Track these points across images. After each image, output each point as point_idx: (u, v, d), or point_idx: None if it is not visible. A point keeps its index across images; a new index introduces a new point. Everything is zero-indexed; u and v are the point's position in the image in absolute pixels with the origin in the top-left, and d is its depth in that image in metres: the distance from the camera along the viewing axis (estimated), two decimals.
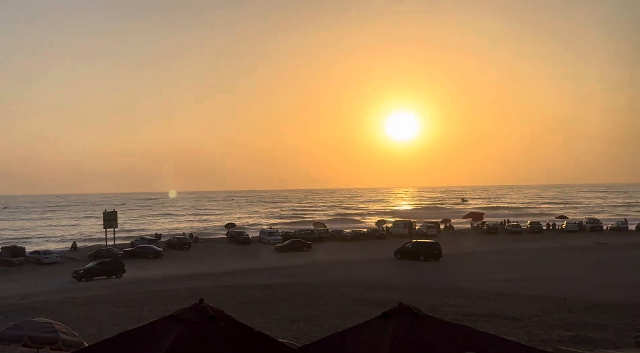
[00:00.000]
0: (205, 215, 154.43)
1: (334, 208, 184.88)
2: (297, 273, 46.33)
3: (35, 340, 10.95)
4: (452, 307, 27.71)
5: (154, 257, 63.55)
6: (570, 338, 20.75)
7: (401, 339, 6.87)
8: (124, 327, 21.78)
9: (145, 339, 6.33)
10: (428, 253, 54.82)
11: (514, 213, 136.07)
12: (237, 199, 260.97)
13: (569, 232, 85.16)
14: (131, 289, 39.01)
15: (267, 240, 75.07)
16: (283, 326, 23.73)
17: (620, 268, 44.15)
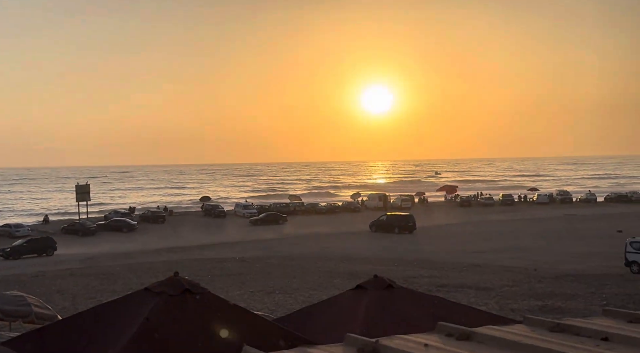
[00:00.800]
0: (180, 189, 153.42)
1: (309, 181, 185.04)
2: (272, 246, 46.49)
3: (8, 314, 10.85)
4: (426, 278, 28.13)
5: (128, 230, 63.10)
6: (539, 307, 21.26)
7: (375, 310, 6.94)
8: (97, 301, 21.70)
9: (119, 312, 6.30)
10: (402, 226, 55.35)
11: (487, 186, 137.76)
12: (212, 173, 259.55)
13: (540, 203, 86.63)
14: (105, 263, 38.79)
15: (242, 214, 74.97)
16: (258, 298, 23.87)
17: (589, 239, 45.16)
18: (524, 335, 4.24)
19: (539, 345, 3.84)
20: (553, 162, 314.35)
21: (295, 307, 19.03)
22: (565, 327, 4.34)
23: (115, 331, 5.97)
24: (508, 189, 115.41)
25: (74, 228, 61.82)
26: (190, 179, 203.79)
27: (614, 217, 63.83)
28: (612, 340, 4.03)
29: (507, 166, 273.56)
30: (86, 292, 26.25)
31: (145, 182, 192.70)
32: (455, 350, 3.90)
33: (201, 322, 6.12)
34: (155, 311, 5.99)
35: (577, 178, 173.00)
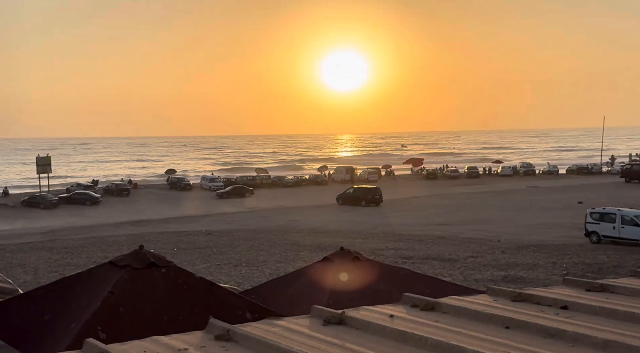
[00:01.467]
0: (144, 162, 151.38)
1: (276, 154, 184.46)
2: (239, 219, 46.39)
3: None
4: (392, 251, 28.47)
5: (91, 203, 62.14)
6: (502, 277, 21.76)
7: (342, 282, 6.99)
8: (60, 274, 21.42)
9: (83, 285, 6.21)
10: (369, 199, 55.72)
11: (453, 159, 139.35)
12: (176, 145, 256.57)
13: (504, 176, 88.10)
14: (67, 236, 38.23)
15: (208, 187, 74.44)
16: (225, 271, 23.87)
17: (550, 210, 46.20)
18: (487, 304, 4.31)
19: (501, 314, 3.91)
20: (517, 134, 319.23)
21: (262, 280, 19.09)
22: (527, 297, 4.44)
23: (79, 305, 5.89)
24: (473, 162, 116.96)
25: (35, 201, 60.58)
26: (154, 152, 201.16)
27: (575, 188, 65.36)
28: (571, 308, 4.13)
29: (472, 139, 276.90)
30: (48, 265, 25.88)
31: (106, 154, 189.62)
32: (420, 320, 3.95)
33: (167, 295, 6.08)
34: (120, 285, 5.93)
35: (540, 150, 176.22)
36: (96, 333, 4.99)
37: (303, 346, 3.35)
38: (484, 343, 3.33)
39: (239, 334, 3.57)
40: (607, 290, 4.67)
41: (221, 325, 3.72)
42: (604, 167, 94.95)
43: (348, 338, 3.55)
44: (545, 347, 3.26)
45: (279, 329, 3.82)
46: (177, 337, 3.68)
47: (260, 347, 3.33)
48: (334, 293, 6.67)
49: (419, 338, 3.38)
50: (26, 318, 5.97)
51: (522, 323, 3.68)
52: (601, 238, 30.86)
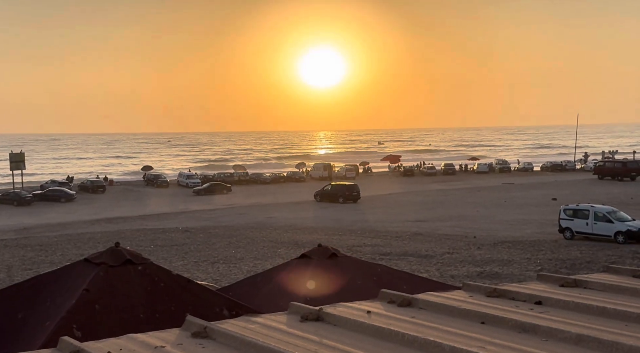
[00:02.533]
0: (119, 158, 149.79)
1: (253, 151, 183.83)
2: (216, 216, 46.18)
3: None
4: (369, 247, 28.59)
5: (66, 200, 61.32)
6: (478, 273, 21.99)
7: (319, 278, 7.01)
8: (35, 272, 21.13)
9: (57, 283, 6.14)
10: (347, 196, 55.84)
11: (430, 156, 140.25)
12: (151, 142, 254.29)
13: (480, 173, 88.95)
14: (42, 233, 37.69)
15: (185, 183, 73.94)
16: (202, 268, 23.76)
17: (525, 207, 46.76)
18: (463, 300, 4.36)
19: (476, 309, 3.96)
20: (493, 132, 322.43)
21: (239, 277, 19.04)
22: (502, 292, 4.49)
23: (54, 303, 5.82)
24: (450, 159, 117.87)
25: (9, 197, 59.60)
26: (128, 148, 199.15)
27: (549, 185, 66.24)
28: (545, 303, 4.19)
29: (448, 136, 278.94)
30: (22, 263, 25.50)
31: (80, 150, 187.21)
32: (397, 316, 3.98)
33: (143, 292, 6.03)
34: (95, 282, 5.86)
35: (515, 147, 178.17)
36: (71, 331, 4.94)
37: (280, 343, 3.35)
38: (459, 338, 3.37)
39: (216, 331, 3.56)
40: (580, 285, 4.75)
41: (198, 323, 3.71)
42: (578, 164, 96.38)
43: (325, 335, 3.56)
44: (519, 342, 3.31)
45: (256, 326, 3.82)
46: (153, 334, 3.66)
47: (238, 344, 3.33)
48: (312, 290, 6.68)
49: (395, 334, 3.41)
50: (0, 316, 5.88)
51: (497, 318, 3.73)
52: (574, 234, 31.34)
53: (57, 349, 3.35)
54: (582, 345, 3.21)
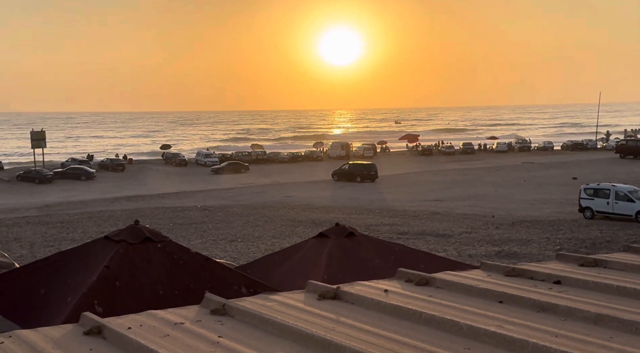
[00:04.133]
0: (139, 137, 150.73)
1: (272, 130, 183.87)
2: (234, 195, 46.42)
3: None
4: (387, 226, 28.59)
5: (87, 178, 62.00)
6: (496, 252, 21.91)
7: (337, 257, 7.03)
8: (56, 249, 21.47)
9: (79, 260, 6.23)
10: (364, 175, 55.75)
11: (448, 135, 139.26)
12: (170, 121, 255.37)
13: (499, 152, 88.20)
14: (63, 211, 38.21)
15: (203, 162, 74.28)
16: (220, 246, 23.96)
17: (545, 186, 46.36)
18: (481, 279, 4.35)
19: (494, 289, 3.95)
20: (513, 110, 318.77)
21: (257, 255, 19.18)
22: (520, 271, 4.47)
23: (75, 279, 5.91)
24: (468, 138, 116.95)
25: (30, 175, 60.41)
26: (147, 127, 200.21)
27: (570, 164, 65.53)
28: (564, 283, 4.16)
29: (467, 115, 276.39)
30: (44, 240, 25.91)
31: (98, 129, 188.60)
32: (414, 295, 3.98)
33: (162, 270, 6.10)
34: (116, 259, 5.94)
35: (536, 126, 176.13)
36: (93, 307, 5.02)
37: (298, 320, 3.37)
38: (477, 317, 3.37)
39: (234, 309, 3.59)
40: (600, 265, 4.71)
41: (217, 300, 3.74)
42: (599, 143, 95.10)
43: (343, 313, 3.58)
44: (538, 321, 3.30)
45: (274, 304, 3.84)
46: (173, 311, 3.71)
47: (256, 321, 3.35)
48: (329, 268, 6.70)
49: (413, 313, 3.41)
50: (23, 292, 5.99)
51: (516, 297, 3.71)
52: (595, 214, 31.05)
53: (79, 324, 3.40)
54: (602, 324, 3.19)
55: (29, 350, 3.00)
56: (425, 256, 7.97)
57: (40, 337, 3.21)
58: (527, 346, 2.76)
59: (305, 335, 3.02)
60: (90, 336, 3.19)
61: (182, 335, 3.20)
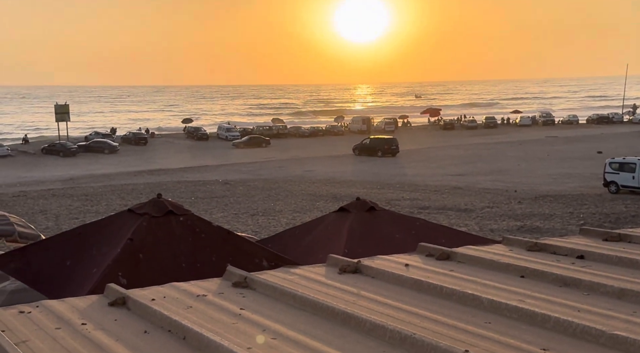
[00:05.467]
0: (159, 112, 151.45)
1: (293, 104, 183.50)
2: (255, 169, 46.60)
3: None
4: (408, 201, 28.52)
5: (110, 152, 62.65)
6: (518, 227, 21.78)
7: (357, 231, 7.03)
8: (81, 221, 21.81)
9: (103, 232, 6.32)
10: (385, 149, 55.53)
11: (470, 109, 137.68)
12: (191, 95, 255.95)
13: (522, 126, 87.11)
14: (87, 184, 38.73)
15: (224, 136, 74.54)
16: (242, 220, 24.13)
17: (569, 161, 45.79)
18: (502, 254, 4.32)
19: (516, 263, 3.93)
20: (537, 83, 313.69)
21: (278, 229, 19.29)
22: (543, 246, 4.44)
23: (100, 251, 6.00)
24: (491, 112, 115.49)
25: (55, 148, 61.25)
26: (169, 101, 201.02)
27: (595, 138, 64.54)
28: (587, 257, 4.13)
29: (490, 88, 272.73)
30: (69, 212, 26.32)
31: (123, 103, 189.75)
32: (435, 269, 3.98)
33: (185, 243, 6.16)
34: (139, 232, 6.01)
35: (560, 99, 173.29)
36: (117, 278, 5.10)
37: (319, 294, 3.39)
38: (498, 292, 3.36)
39: (256, 281, 3.62)
40: (625, 239, 4.65)
41: (239, 273, 3.77)
42: (625, 116, 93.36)
43: (363, 287, 3.59)
44: (560, 295, 3.28)
45: (295, 277, 3.87)
46: (195, 283, 3.75)
47: (277, 294, 3.38)
48: (350, 243, 6.72)
49: (433, 287, 3.41)
50: (49, 263, 6.10)
51: (538, 272, 3.69)
52: (620, 188, 30.65)
53: (104, 295, 3.46)
54: (625, 299, 3.16)
55: (55, 320, 3.07)
56: (446, 231, 7.94)
57: (66, 307, 3.28)
58: (549, 320, 2.75)
59: (327, 308, 3.04)
60: (115, 307, 3.25)
61: (204, 307, 3.24)
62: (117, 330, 2.89)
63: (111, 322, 3.00)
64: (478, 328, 2.78)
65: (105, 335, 2.81)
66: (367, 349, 2.56)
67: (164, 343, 2.67)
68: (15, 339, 2.70)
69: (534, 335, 2.67)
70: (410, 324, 2.85)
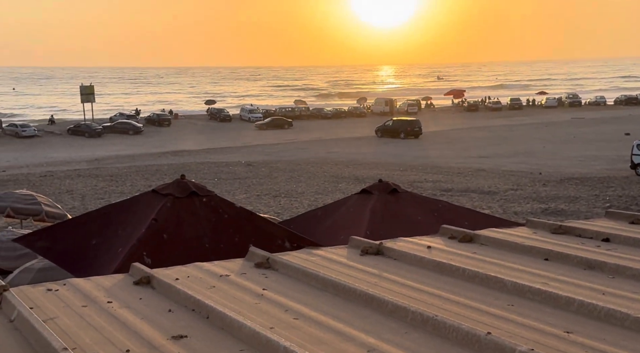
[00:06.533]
0: (180, 92, 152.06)
1: (315, 85, 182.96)
2: (278, 151, 46.69)
3: (19, 211, 11.06)
4: (431, 183, 28.38)
5: (134, 133, 63.21)
6: (542, 210, 21.56)
7: (380, 213, 7.03)
8: (106, 201, 22.10)
9: (128, 212, 6.40)
10: (408, 131, 55.19)
11: (495, 90, 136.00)
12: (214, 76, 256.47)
13: (548, 107, 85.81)
14: (112, 164, 39.19)
15: (247, 118, 74.69)
16: (264, 202, 24.25)
17: (595, 143, 45.09)
18: (526, 237, 4.29)
19: (540, 246, 3.89)
20: (564, 64, 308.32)
21: (300, 211, 19.35)
22: (567, 229, 4.39)
23: (125, 231, 6.09)
24: (516, 93, 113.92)
25: (80, 129, 62.02)
26: (193, 82, 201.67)
27: (623, 120, 63.36)
28: (613, 240, 4.07)
29: (517, 70, 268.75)
30: (94, 192, 26.68)
31: (142, 84, 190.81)
32: (458, 251, 3.96)
33: (208, 223, 6.22)
34: (163, 212, 6.08)
35: (589, 80, 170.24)
36: (142, 258, 5.17)
37: (341, 275, 3.41)
38: (522, 274, 3.33)
39: (278, 262, 3.65)
40: None
41: (261, 254, 3.80)
42: None
43: (385, 268, 3.59)
44: (584, 278, 3.25)
45: (317, 258, 3.88)
46: (218, 263, 3.79)
47: (299, 275, 3.40)
48: (372, 224, 6.72)
49: (456, 269, 3.40)
50: (75, 242, 6.21)
51: (562, 255, 3.66)
52: None
53: (130, 274, 3.52)
54: None
55: (82, 298, 3.12)
56: (469, 213, 7.90)
57: (92, 286, 3.34)
58: (573, 303, 2.73)
59: (349, 289, 3.05)
60: (140, 286, 3.30)
61: (227, 287, 3.28)
62: (142, 308, 2.93)
63: (136, 301, 3.05)
64: (501, 311, 2.77)
65: (131, 313, 2.85)
66: (389, 330, 2.57)
67: (188, 322, 2.71)
68: (43, 316, 2.75)
69: (558, 317, 2.65)
70: (433, 306, 2.85)
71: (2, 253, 8.05)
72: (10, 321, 2.75)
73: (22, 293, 3.12)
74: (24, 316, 2.68)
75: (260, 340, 2.37)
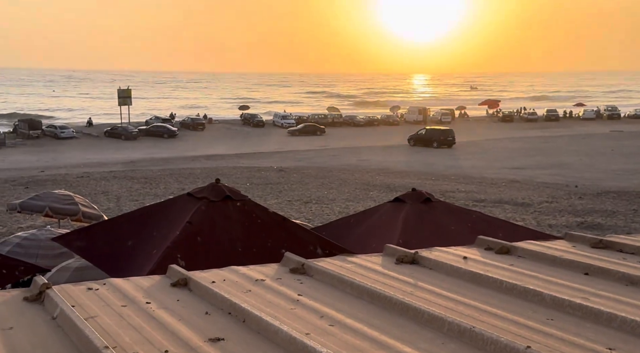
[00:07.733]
0: (220, 97, 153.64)
1: (348, 93, 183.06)
2: (310, 157, 46.80)
3: (57, 211, 11.28)
4: (463, 193, 28.11)
5: (169, 136, 64.12)
6: (578, 223, 21.15)
7: (412, 223, 6.98)
8: (140, 203, 22.43)
9: (162, 214, 6.48)
10: (441, 140, 54.81)
11: (530, 102, 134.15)
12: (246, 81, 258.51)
13: (586, 119, 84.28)
14: (146, 167, 39.76)
15: (280, 124, 75.12)
16: (296, 207, 24.30)
17: (634, 156, 44.11)
18: (565, 250, 4.21)
19: (580, 260, 3.82)
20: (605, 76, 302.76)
21: (331, 217, 19.34)
22: (608, 243, 4.30)
23: (160, 233, 6.17)
24: (553, 105, 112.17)
25: (117, 132, 63.15)
26: (225, 88, 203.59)
27: None
28: None
29: (553, 81, 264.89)
30: (129, 194, 27.09)
31: (179, 89, 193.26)
32: (495, 263, 3.91)
33: (241, 228, 6.26)
34: (198, 215, 6.14)
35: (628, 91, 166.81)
36: (176, 260, 5.23)
37: (377, 283, 3.39)
38: (561, 288, 3.28)
39: (313, 268, 3.65)
40: None
41: (296, 259, 3.81)
42: None
43: (421, 278, 3.57)
44: (626, 294, 3.17)
45: (352, 266, 3.88)
46: (253, 268, 3.81)
47: (335, 282, 3.40)
48: (405, 233, 6.67)
49: (493, 281, 3.36)
50: (112, 242, 6.31)
51: (603, 270, 3.58)
52: None
53: (166, 276, 3.56)
54: None
55: (121, 298, 3.17)
56: (503, 224, 7.79)
57: (131, 286, 3.39)
58: (615, 320, 2.67)
59: (384, 297, 3.03)
60: (177, 287, 3.34)
61: (263, 292, 3.29)
62: (179, 310, 2.97)
63: (174, 302, 3.09)
64: (540, 325, 2.72)
65: (169, 315, 2.89)
66: (425, 340, 2.55)
67: (224, 325, 2.73)
68: (84, 314, 2.80)
69: (599, 333, 2.60)
70: (469, 317, 2.82)
71: (41, 251, 8.23)
72: (53, 318, 2.81)
73: (63, 291, 3.18)
74: (66, 314, 2.74)
75: (297, 346, 2.37)
